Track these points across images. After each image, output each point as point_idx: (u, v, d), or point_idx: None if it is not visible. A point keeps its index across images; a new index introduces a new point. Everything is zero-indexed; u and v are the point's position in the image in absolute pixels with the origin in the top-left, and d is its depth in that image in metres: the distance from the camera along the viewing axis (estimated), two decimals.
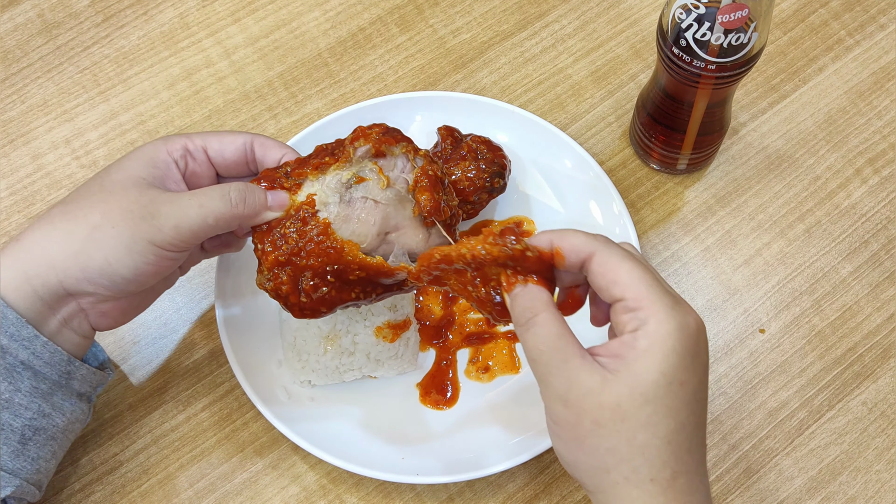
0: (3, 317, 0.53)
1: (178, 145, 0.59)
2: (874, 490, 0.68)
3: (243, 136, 0.61)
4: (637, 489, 0.48)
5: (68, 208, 0.56)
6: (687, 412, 0.48)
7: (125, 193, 0.56)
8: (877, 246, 0.76)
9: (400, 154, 0.60)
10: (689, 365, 0.48)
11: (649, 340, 0.48)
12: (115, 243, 0.54)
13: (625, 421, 0.48)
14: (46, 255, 0.54)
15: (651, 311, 0.48)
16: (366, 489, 0.68)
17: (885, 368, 0.72)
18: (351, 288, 0.58)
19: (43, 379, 0.56)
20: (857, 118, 0.81)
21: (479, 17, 0.87)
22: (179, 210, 0.55)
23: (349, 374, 0.68)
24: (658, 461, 0.48)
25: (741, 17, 0.60)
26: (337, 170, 0.58)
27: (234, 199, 0.56)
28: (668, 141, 0.75)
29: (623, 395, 0.47)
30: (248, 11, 0.87)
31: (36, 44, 0.85)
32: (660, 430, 0.48)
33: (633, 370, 0.48)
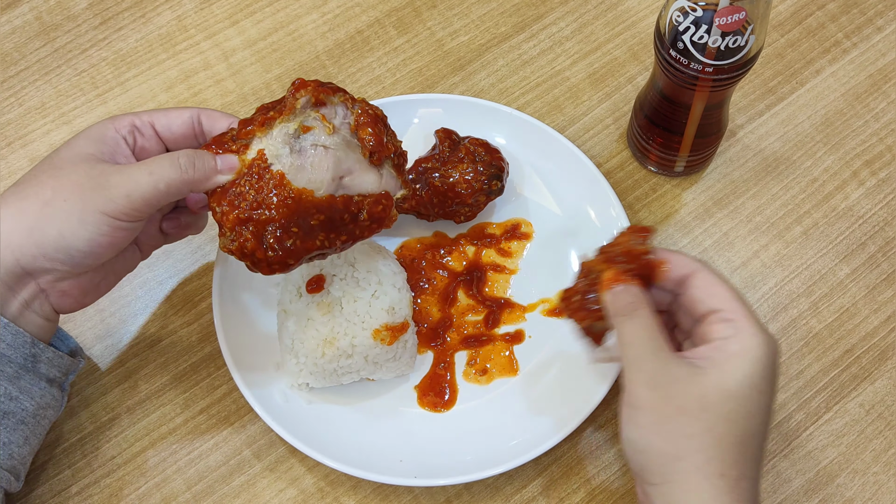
0: None
1: (126, 122, 0.60)
2: (871, 492, 0.68)
3: (189, 111, 0.62)
4: (707, 481, 0.50)
5: (19, 188, 0.57)
6: (760, 420, 0.52)
7: (74, 168, 0.56)
8: (874, 248, 0.76)
9: (339, 103, 0.61)
10: (770, 377, 0.53)
11: (741, 346, 0.52)
12: (66, 216, 0.55)
13: (707, 411, 0.51)
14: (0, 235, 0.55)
15: (745, 324, 0.53)
16: (363, 492, 0.68)
17: (882, 370, 0.72)
18: (315, 235, 0.59)
19: (8, 362, 0.56)
20: (854, 120, 0.81)
21: (477, 20, 0.87)
22: (130, 179, 0.56)
23: (347, 377, 0.68)
24: (730, 458, 0.51)
25: (738, 19, 0.60)
26: (283, 122, 0.59)
27: (184, 164, 0.57)
28: (666, 143, 0.75)
29: (709, 388, 0.51)
30: (245, 14, 0.87)
31: (34, 46, 0.85)
32: (736, 428, 0.51)
33: (723, 368, 0.52)
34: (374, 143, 0.61)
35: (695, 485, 0.50)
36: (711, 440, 0.51)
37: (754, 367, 0.52)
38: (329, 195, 0.60)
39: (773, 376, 0.53)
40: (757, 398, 0.52)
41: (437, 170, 0.72)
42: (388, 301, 0.68)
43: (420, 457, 0.67)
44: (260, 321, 0.71)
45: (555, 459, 0.69)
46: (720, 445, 0.51)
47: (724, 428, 0.51)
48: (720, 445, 0.51)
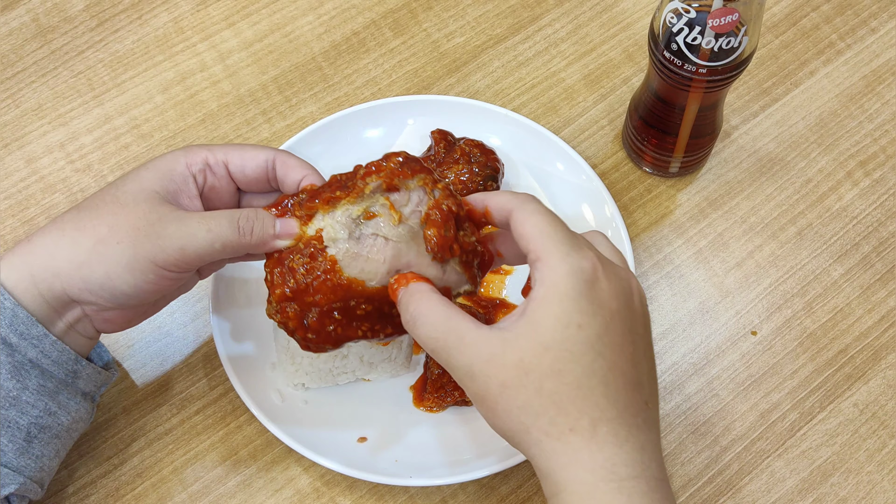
0: (13, 315, 0.54)
1: (199, 158, 0.58)
2: (865, 491, 0.68)
3: (265, 153, 0.60)
4: (559, 442, 0.47)
5: (80, 215, 0.56)
6: (593, 355, 0.47)
7: (135, 207, 0.55)
8: (868, 248, 0.77)
9: (416, 188, 0.56)
10: (586, 308, 0.47)
11: (545, 289, 0.47)
12: (116, 259, 0.54)
13: (529, 374, 0.47)
14: (52, 262, 0.55)
15: (548, 260, 0.48)
16: (359, 492, 0.68)
17: (876, 370, 0.72)
18: (358, 325, 0.57)
19: (50, 377, 0.56)
20: (848, 121, 0.82)
21: (473, 21, 0.87)
22: (187, 232, 0.55)
23: (343, 377, 0.69)
24: (573, 409, 0.47)
25: (732, 21, 0.60)
26: (347, 205, 0.55)
27: (244, 227, 0.56)
28: (661, 144, 0.75)
29: (525, 350, 0.47)
30: (242, 16, 0.87)
31: (30, 48, 0.86)
32: (566, 376, 0.47)
33: (532, 321, 0.47)
34: (438, 244, 0.55)
35: (550, 450, 0.47)
36: (545, 401, 0.47)
37: (562, 306, 0.47)
38: (381, 287, 0.56)
39: (592, 305, 0.47)
40: (576, 335, 0.47)
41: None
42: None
43: (416, 457, 0.67)
44: (256, 321, 0.71)
45: None
46: (556, 403, 0.47)
47: (552, 383, 0.47)
48: (556, 403, 0.47)
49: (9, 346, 0.54)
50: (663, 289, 0.75)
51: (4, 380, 0.54)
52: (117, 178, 0.58)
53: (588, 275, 0.48)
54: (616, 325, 0.48)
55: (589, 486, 0.47)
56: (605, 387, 0.47)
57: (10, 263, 0.55)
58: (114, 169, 0.80)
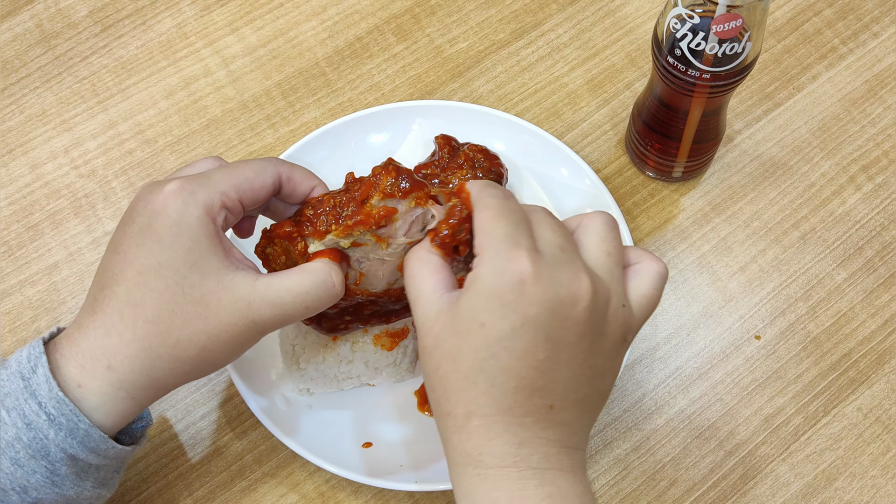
0: (86, 435, 0.52)
1: (218, 206, 0.54)
2: (870, 496, 0.68)
3: (272, 175, 0.57)
4: (440, 421, 0.50)
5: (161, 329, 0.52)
6: (486, 354, 0.47)
7: (219, 302, 0.52)
8: (871, 252, 0.77)
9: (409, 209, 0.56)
10: (496, 309, 0.47)
11: (471, 279, 0.49)
12: (225, 357, 0.54)
13: (436, 349, 0.49)
14: (153, 382, 0.53)
15: (481, 254, 0.49)
16: (364, 496, 0.68)
17: (879, 374, 0.72)
18: (367, 320, 0.63)
19: (104, 469, 0.56)
20: (850, 126, 0.82)
21: (476, 27, 0.87)
22: (284, 314, 0.54)
23: (347, 382, 0.69)
24: (454, 396, 0.49)
25: (735, 26, 0.60)
26: (335, 237, 0.56)
27: (339, 291, 0.56)
28: (664, 149, 0.75)
29: (442, 325, 0.49)
30: (245, 21, 0.87)
31: (34, 54, 0.86)
32: (458, 364, 0.48)
33: (456, 304, 0.49)
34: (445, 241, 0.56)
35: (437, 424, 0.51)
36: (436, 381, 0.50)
37: (474, 301, 0.48)
38: (382, 291, 0.60)
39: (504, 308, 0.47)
40: (477, 331, 0.48)
41: (436, 176, 0.72)
42: None
43: (420, 462, 0.67)
44: None
45: None
46: (443, 384, 0.49)
47: (447, 367, 0.49)
48: (443, 384, 0.49)
49: (73, 458, 0.53)
50: (667, 293, 0.76)
51: (67, 489, 0.54)
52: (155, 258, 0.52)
53: (510, 277, 0.48)
54: (527, 330, 0.48)
55: (458, 466, 0.50)
56: (489, 385, 0.48)
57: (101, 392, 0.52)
58: (118, 174, 0.80)
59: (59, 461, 0.52)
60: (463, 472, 0.49)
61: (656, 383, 0.72)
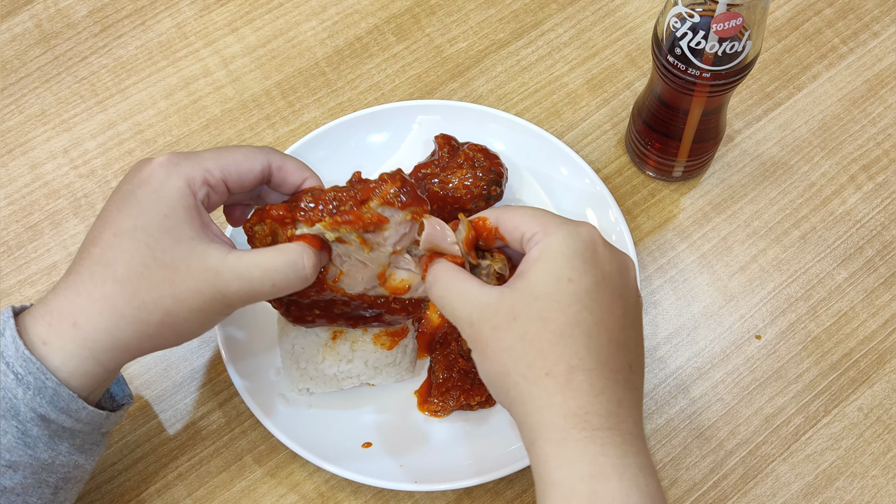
0: (55, 394, 0.53)
1: (200, 181, 0.55)
2: (870, 495, 0.68)
3: (260, 162, 0.58)
4: (535, 386, 0.49)
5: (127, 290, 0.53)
6: (579, 307, 0.49)
7: (188, 268, 0.53)
8: (871, 252, 0.77)
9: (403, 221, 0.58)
10: (579, 265, 0.50)
11: (540, 249, 0.51)
12: (190, 325, 0.55)
13: (517, 319, 0.50)
14: (118, 342, 0.53)
15: (542, 230, 0.52)
16: (364, 497, 0.68)
17: (880, 374, 0.72)
18: (336, 319, 0.62)
19: (80, 435, 0.56)
20: (851, 125, 0.82)
21: (476, 26, 0.87)
22: (251, 289, 0.54)
23: (347, 382, 0.69)
24: (552, 354, 0.49)
25: (735, 25, 0.60)
26: (324, 228, 0.57)
27: (310, 275, 0.55)
28: (664, 148, 0.75)
29: (517, 300, 0.50)
30: (245, 21, 0.87)
31: (34, 54, 0.86)
32: (550, 324, 0.49)
33: (526, 277, 0.51)
34: None
35: (526, 392, 0.49)
36: (526, 344, 0.49)
37: (556, 262, 0.50)
38: (359, 294, 0.60)
39: (586, 264, 0.50)
40: (566, 287, 0.50)
41: (436, 175, 0.72)
42: None
43: (420, 462, 0.67)
44: (260, 327, 0.71)
45: None
46: (536, 346, 0.49)
47: (536, 328, 0.49)
48: (536, 346, 0.49)
49: (45, 419, 0.53)
50: (667, 293, 0.75)
51: (41, 452, 0.54)
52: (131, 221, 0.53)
53: (584, 237, 0.51)
54: (608, 286, 0.51)
55: (562, 431, 0.49)
56: (588, 338, 0.49)
57: (65, 350, 0.53)
58: (117, 174, 0.80)
59: (29, 421, 0.53)
60: (567, 438, 0.48)
61: (656, 383, 0.72)
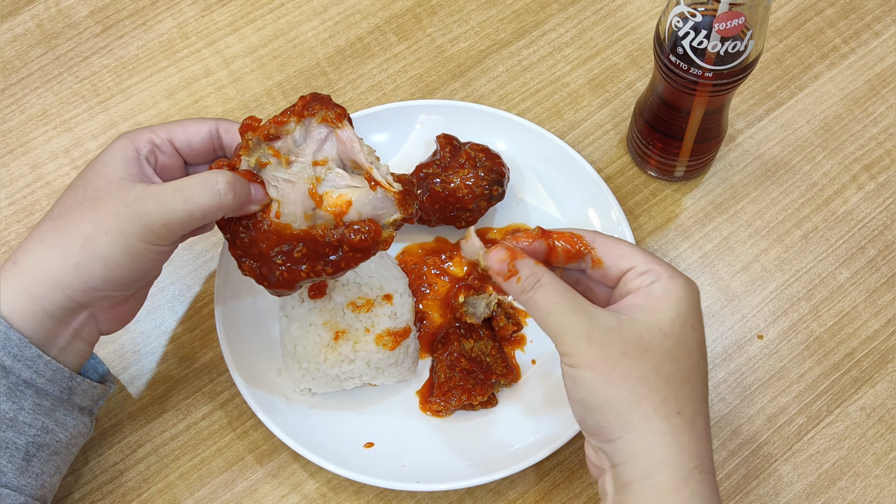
0: (6, 338, 0.53)
1: (144, 140, 0.59)
2: (873, 495, 0.68)
3: (208, 124, 0.61)
4: (666, 421, 0.50)
5: (58, 223, 0.56)
6: (699, 355, 0.52)
7: (110, 197, 0.56)
8: (873, 252, 0.77)
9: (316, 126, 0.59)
10: (698, 316, 0.53)
11: (664, 289, 0.52)
12: (110, 249, 0.55)
13: (650, 351, 0.51)
14: (48, 274, 0.55)
15: (662, 271, 0.53)
16: (366, 497, 0.68)
17: (882, 374, 0.72)
18: (299, 266, 0.59)
19: (45, 396, 0.56)
20: (852, 125, 0.82)
21: (477, 26, 0.87)
22: (166, 206, 0.55)
23: (349, 382, 0.69)
24: (682, 394, 0.51)
25: (737, 25, 0.60)
26: (244, 156, 0.58)
27: (223, 191, 0.56)
28: (666, 148, 0.75)
29: (643, 331, 0.51)
30: (246, 21, 0.87)
31: (35, 54, 0.86)
32: (680, 364, 0.51)
33: (653, 311, 0.52)
34: None
35: (656, 426, 0.50)
36: (661, 379, 0.50)
37: (681, 306, 0.52)
38: (306, 229, 0.59)
39: (699, 314, 0.53)
40: (691, 333, 0.52)
41: (438, 175, 0.72)
42: (390, 306, 0.68)
43: (422, 462, 0.67)
44: (262, 327, 0.71)
45: (557, 464, 0.69)
46: (670, 383, 0.50)
47: (669, 366, 0.51)
48: (670, 383, 0.50)
49: (2, 368, 0.54)
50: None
51: (1, 402, 0.54)
52: (72, 181, 0.58)
53: (697, 292, 0.54)
54: (703, 342, 0.54)
55: (686, 470, 0.50)
56: (703, 385, 0.53)
57: (5, 288, 0.55)
58: None
59: None
60: (689, 478, 0.50)
61: None
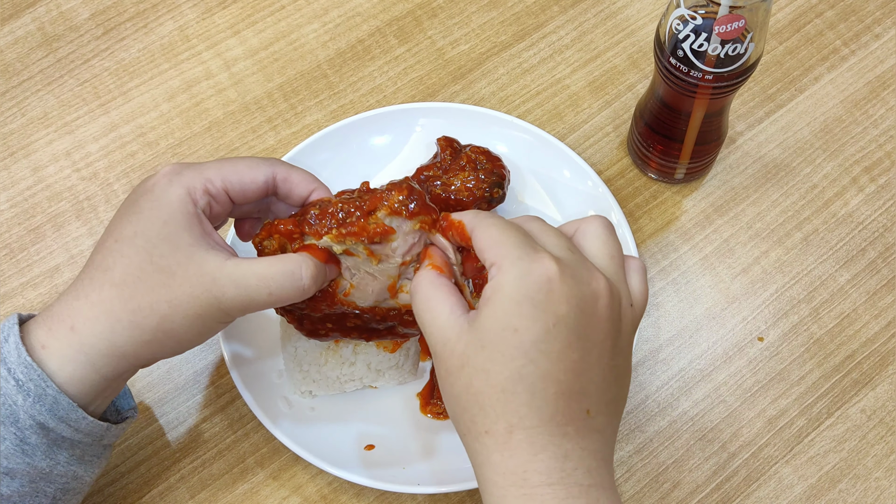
0: (54, 402, 0.52)
1: (201, 191, 0.56)
2: (873, 497, 0.68)
3: (263, 172, 0.58)
4: (477, 442, 0.48)
5: (125, 294, 0.53)
6: (523, 361, 0.46)
7: (185, 273, 0.53)
8: (874, 254, 0.77)
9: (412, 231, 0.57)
10: (528, 312, 0.47)
11: (491, 289, 0.48)
12: (186, 331, 0.54)
13: (464, 367, 0.48)
14: (114, 348, 0.53)
15: (498, 264, 0.48)
16: (367, 499, 0.68)
17: (883, 376, 0.72)
18: (350, 333, 0.62)
19: (79, 445, 0.56)
20: (853, 127, 0.82)
21: (478, 29, 0.87)
22: (247, 296, 0.54)
23: (350, 385, 0.69)
24: (492, 411, 0.47)
25: (738, 27, 0.60)
26: (331, 240, 0.57)
27: (307, 286, 0.55)
28: (666, 150, 0.75)
29: (467, 343, 0.48)
30: (247, 24, 0.87)
31: (36, 56, 0.86)
32: (493, 377, 0.47)
33: (478, 318, 0.48)
34: None
35: (470, 447, 0.49)
36: (471, 398, 0.48)
37: (502, 307, 0.47)
38: (369, 307, 0.60)
39: (536, 310, 0.47)
40: (510, 338, 0.47)
41: (438, 178, 0.72)
42: None
43: (423, 464, 0.67)
44: (263, 329, 0.71)
45: None
46: (479, 402, 0.47)
47: (479, 382, 0.47)
48: (479, 402, 0.47)
49: (44, 428, 0.53)
50: (669, 295, 0.75)
51: (39, 460, 0.54)
52: (132, 228, 0.54)
53: (536, 278, 0.47)
54: (560, 331, 0.47)
55: (500, 489, 0.47)
56: (531, 394, 0.47)
57: (61, 355, 0.53)
58: (119, 177, 0.80)
59: (28, 429, 0.52)
60: (505, 495, 0.47)
61: (659, 385, 0.72)
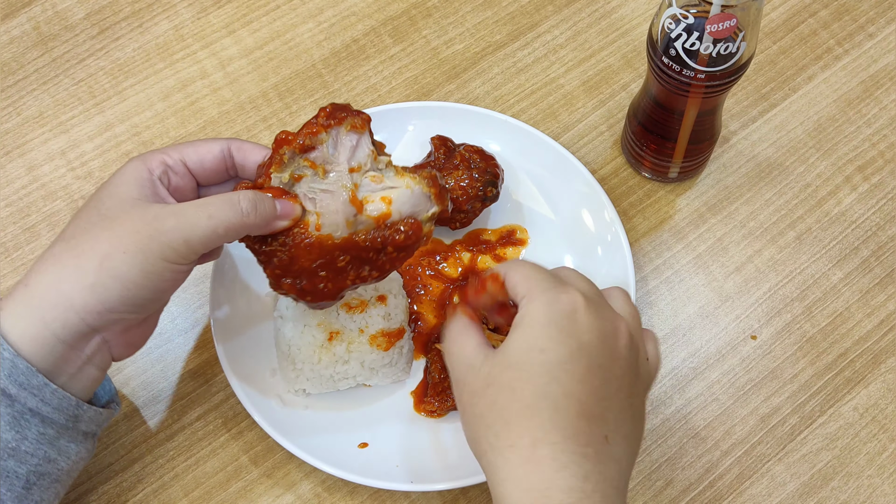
0: (12, 366, 0.52)
1: (157, 161, 0.58)
2: (866, 495, 0.68)
3: (219, 144, 0.60)
4: (500, 457, 0.49)
5: (71, 243, 0.54)
6: (548, 379, 0.49)
7: (127, 216, 0.54)
8: (867, 252, 0.77)
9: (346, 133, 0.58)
10: (554, 335, 0.50)
11: (520, 316, 0.51)
12: (128, 268, 0.53)
13: (490, 386, 0.50)
14: (61, 295, 0.53)
15: (528, 296, 0.52)
16: (360, 497, 0.68)
17: (875, 374, 0.72)
18: (346, 275, 0.60)
19: (50, 424, 0.55)
20: (846, 126, 0.82)
21: (472, 28, 0.87)
22: (187, 223, 0.54)
23: (343, 383, 0.69)
24: (517, 426, 0.49)
25: (729, 26, 0.61)
26: (275, 173, 0.58)
27: (245, 208, 0.55)
28: (660, 149, 0.75)
29: (493, 366, 0.51)
30: (242, 23, 0.88)
31: (31, 56, 0.86)
32: (518, 394, 0.49)
33: (506, 344, 0.51)
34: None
35: (493, 463, 0.50)
36: (495, 415, 0.50)
37: (531, 331, 0.50)
38: (348, 236, 0.59)
39: (561, 334, 0.50)
40: (536, 357, 0.50)
41: None
42: (385, 307, 0.68)
43: (416, 462, 0.67)
44: (256, 327, 0.71)
45: None
46: (504, 417, 0.49)
47: (505, 398, 0.50)
48: (504, 417, 0.49)
49: (8, 396, 0.52)
50: (663, 293, 0.76)
51: (4, 431, 0.53)
52: (83, 204, 0.57)
53: (563, 305, 0.51)
54: (583, 356, 0.50)
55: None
56: (554, 411, 0.49)
57: (12, 312, 0.53)
58: None
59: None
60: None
61: None
